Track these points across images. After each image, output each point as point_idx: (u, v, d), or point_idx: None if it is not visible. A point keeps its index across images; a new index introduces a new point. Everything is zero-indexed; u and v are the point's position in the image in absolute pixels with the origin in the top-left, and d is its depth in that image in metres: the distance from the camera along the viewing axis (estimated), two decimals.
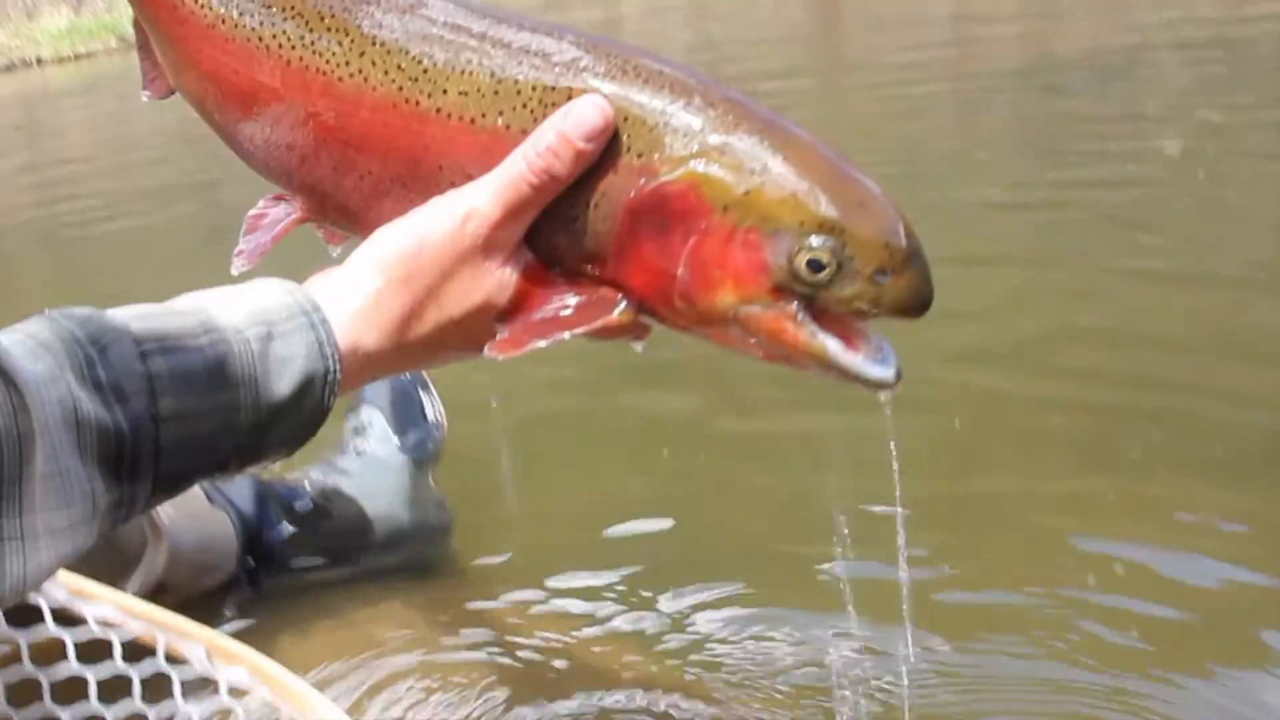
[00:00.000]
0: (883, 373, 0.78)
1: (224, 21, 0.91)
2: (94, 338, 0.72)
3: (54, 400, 0.66)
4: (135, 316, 0.75)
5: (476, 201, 0.78)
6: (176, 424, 0.72)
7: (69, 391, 0.68)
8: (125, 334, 0.73)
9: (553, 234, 0.81)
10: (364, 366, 0.81)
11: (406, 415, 1.96)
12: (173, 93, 1.04)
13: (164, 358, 0.72)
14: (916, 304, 0.78)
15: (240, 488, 1.78)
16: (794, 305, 0.77)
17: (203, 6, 0.92)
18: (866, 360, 0.78)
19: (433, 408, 2.00)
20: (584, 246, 0.81)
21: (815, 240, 0.75)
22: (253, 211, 0.94)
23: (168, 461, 0.73)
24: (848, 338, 0.79)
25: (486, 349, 0.81)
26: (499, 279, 0.80)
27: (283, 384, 0.76)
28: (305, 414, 0.78)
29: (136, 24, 1.05)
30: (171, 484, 0.75)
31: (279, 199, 0.94)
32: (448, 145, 0.81)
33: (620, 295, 0.81)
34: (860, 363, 0.78)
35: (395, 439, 1.93)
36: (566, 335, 0.80)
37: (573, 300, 0.81)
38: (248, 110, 0.92)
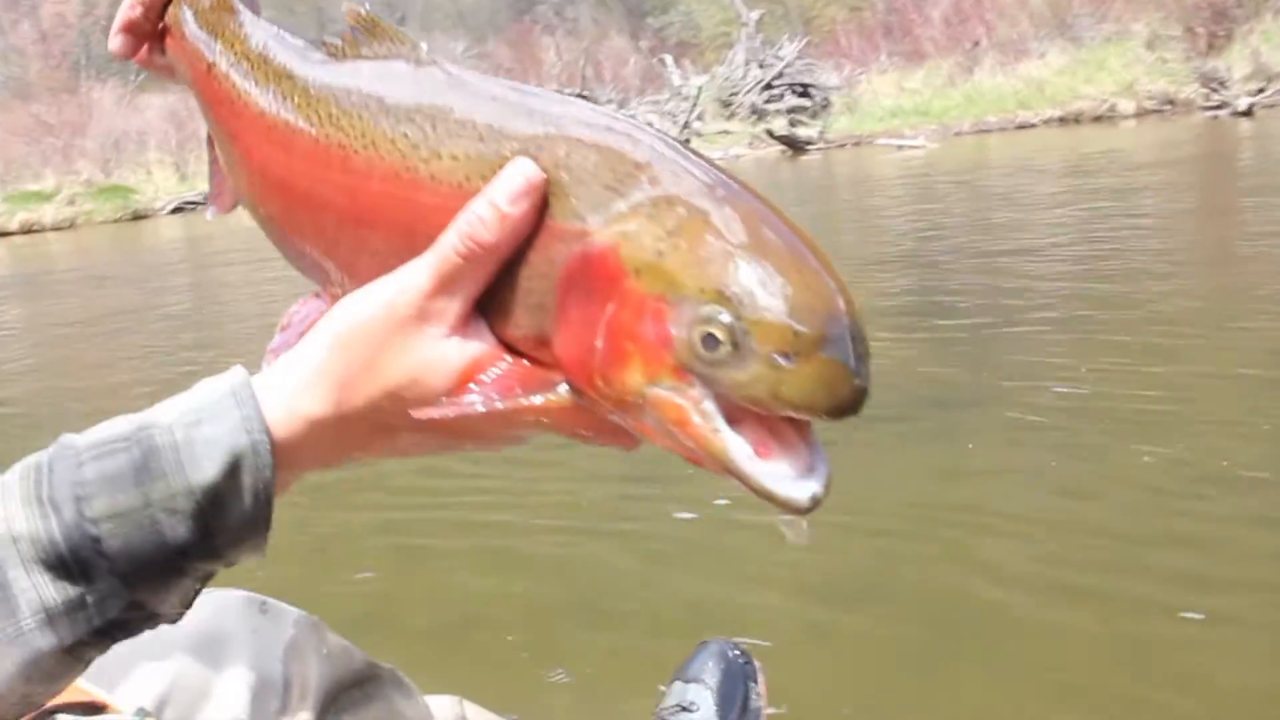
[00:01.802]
0: (793, 492, 0.65)
1: (269, 108, 0.90)
2: (51, 458, 0.78)
3: None
4: (93, 431, 0.79)
5: (412, 272, 0.76)
6: (112, 523, 0.75)
7: (6, 513, 0.75)
8: (72, 449, 0.77)
9: (507, 311, 0.76)
10: (309, 437, 0.79)
11: (731, 701, 1.94)
12: (236, 205, 1.03)
13: (95, 463, 0.76)
14: (825, 400, 0.64)
15: None
16: (698, 390, 0.66)
17: (255, 95, 0.92)
18: (777, 474, 0.65)
19: (756, 700, 1.98)
20: (534, 323, 0.74)
21: (710, 310, 0.64)
22: (289, 310, 0.92)
23: (122, 559, 0.75)
24: (765, 443, 0.66)
25: (412, 411, 0.76)
26: (435, 352, 0.76)
27: (209, 465, 0.75)
28: (248, 494, 0.77)
29: (208, 137, 1.04)
30: (145, 578, 0.77)
31: (314, 296, 0.92)
32: (440, 214, 0.76)
33: (560, 376, 0.72)
34: (766, 474, 0.65)
35: None
36: (497, 407, 0.73)
37: (511, 377, 0.74)
38: (283, 197, 0.90)
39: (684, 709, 1.92)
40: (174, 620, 0.84)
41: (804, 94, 23.39)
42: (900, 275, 7.20)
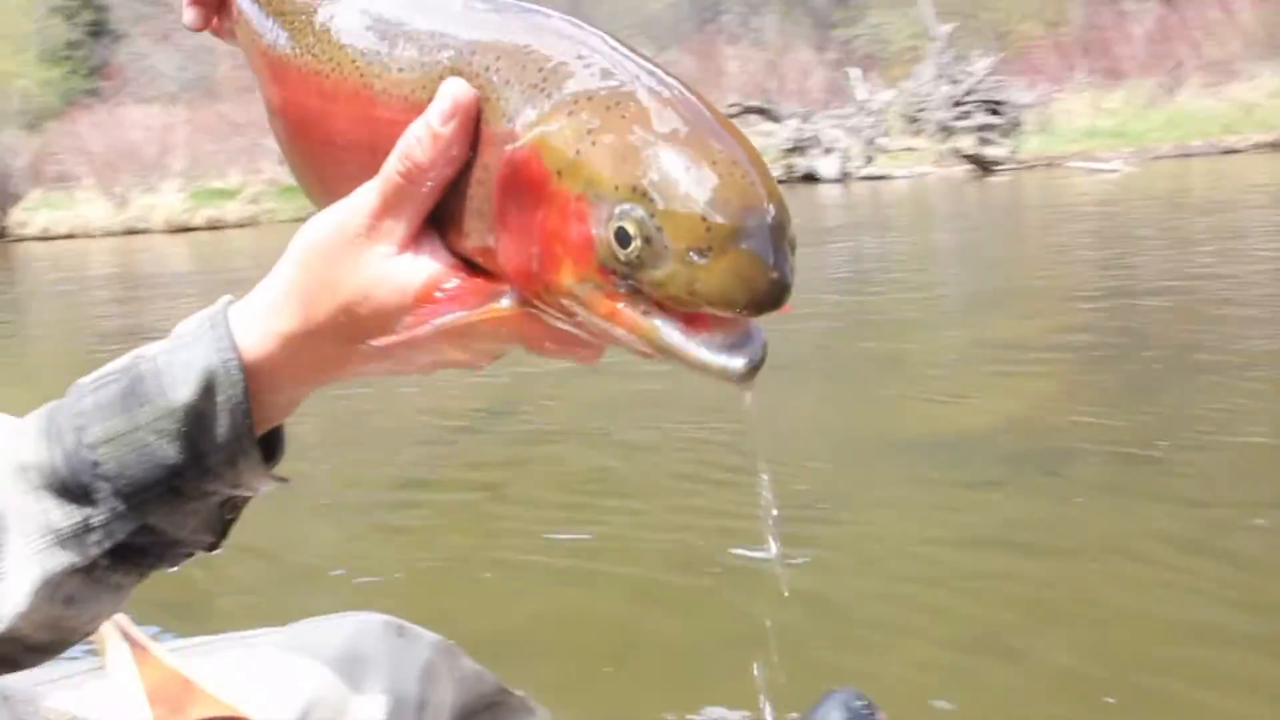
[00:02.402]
0: (727, 362, 0.64)
1: (268, 35, 0.91)
2: (67, 395, 0.84)
3: (7, 458, 0.83)
4: (98, 370, 0.85)
5: (362, 193, 0.79)
6: (107, 447, 0.81)
7: (15, 446, 0.83)
8: (78, 386, 0.84)
9: (458, 224, 0.76)
10: (281, 353, 0.82)
11: None
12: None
13: (92, 394, 0.82)
14: (741, 295, 0.62)
15: None
16: (621, 284, 0.65)
17: (272, 38, 0.91)
18: (710, 346, 0.64)
19: None
20: (481, 235, 0.74)
21: (622, 208, 0.63)
22: None
23: (121, 481, 0.81)
24: (693, 319, 0.65)
25: (370, 341, 0.77)
26: (384, 268, 0.78)
27: (185, 387, 0.80)
28: (224, 412, 0.81)
29: None
30: (148, 500, 0.82)
31: None
32: (394, 127, 0.77)
33: (507, 286, 0.73)
34: (698, 349, 0.64)
35: None
36: (447, 321, 0.74)
37: (463, 291, 0.74)
38: (287, 128, 0.91)
39: None
40: (209, 549, 0.88)
41: (994, 112, 22.75)
42: (1084, 310, 6.91)
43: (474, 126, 0.73)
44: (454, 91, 0.74)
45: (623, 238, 0.63)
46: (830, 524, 3.56)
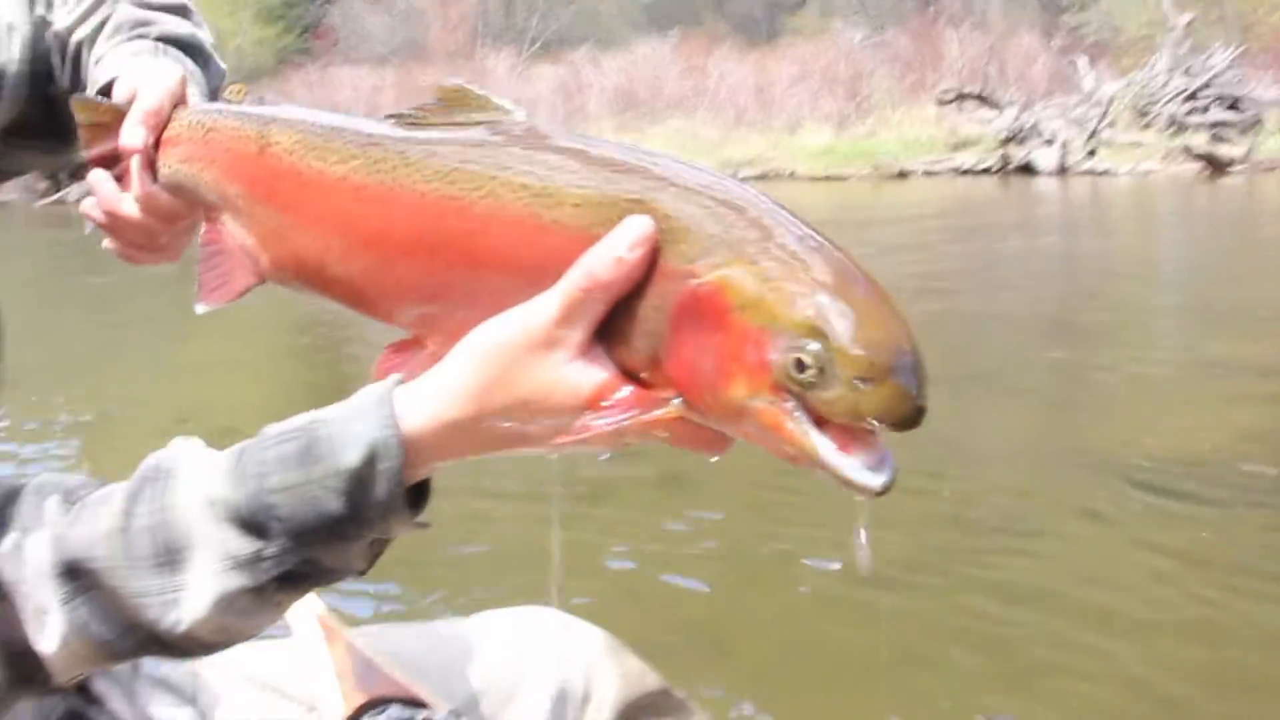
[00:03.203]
0: (870, 480, 0.82)
1: (355, 172, 1.04)
2: (252, 442, 1.00)
3: (200, 491, 1.00)
4: (282, 423, 1.00)
5: (543, 303, 0.92)
6: (284, 495, 0.97)
7: (209, 480, 1.00)
8: (265, 436, 1.00)
9: (623, 337, 0.91)
10: (440, 437, 0.97)
11: None
12: (248, 290, 1.19)
13: (276, 448, 0.98)
14: (894, 415, 0.82)
15: None
16: (791, 403, 0.83)
17: (332, 164, 1.06)
18: (856, 465, 0.82)
19: None
20: (646, 347, 0.90)
21: (803, 342, 0.82)
22: (379, 361, 1.06)
23: (292, 523, 0.97)
24: (846, 442, 0.83)
25: (550, 442, 0.93)
26: (561, 373, 0.92)
27: (352, 453, 0.95)
28: (383, 479, 0.96)
29: (207, 233, 1.21)
30: (313, 540, 0.98)
31: (404, 346, 1.06)
32: (566, 253, 0.91)
33: (672, 393, 0.89)
34: (849, 466, 0.82)
35: None
36: (624, 422, 0.90)
37: (629, 396, 0.91)
38: (377, 252, 1.04)
39: None
40: (360, 573, 1.04)
41: (1232, 107, 21.40)
42: None
43: (653, 258, 0.89)
44: (643, 224, 0.89)
45: (800, 365, 0.82)
46: (1021, 550, 3.46)
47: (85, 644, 1.03)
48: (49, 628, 1.02)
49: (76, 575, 1.02)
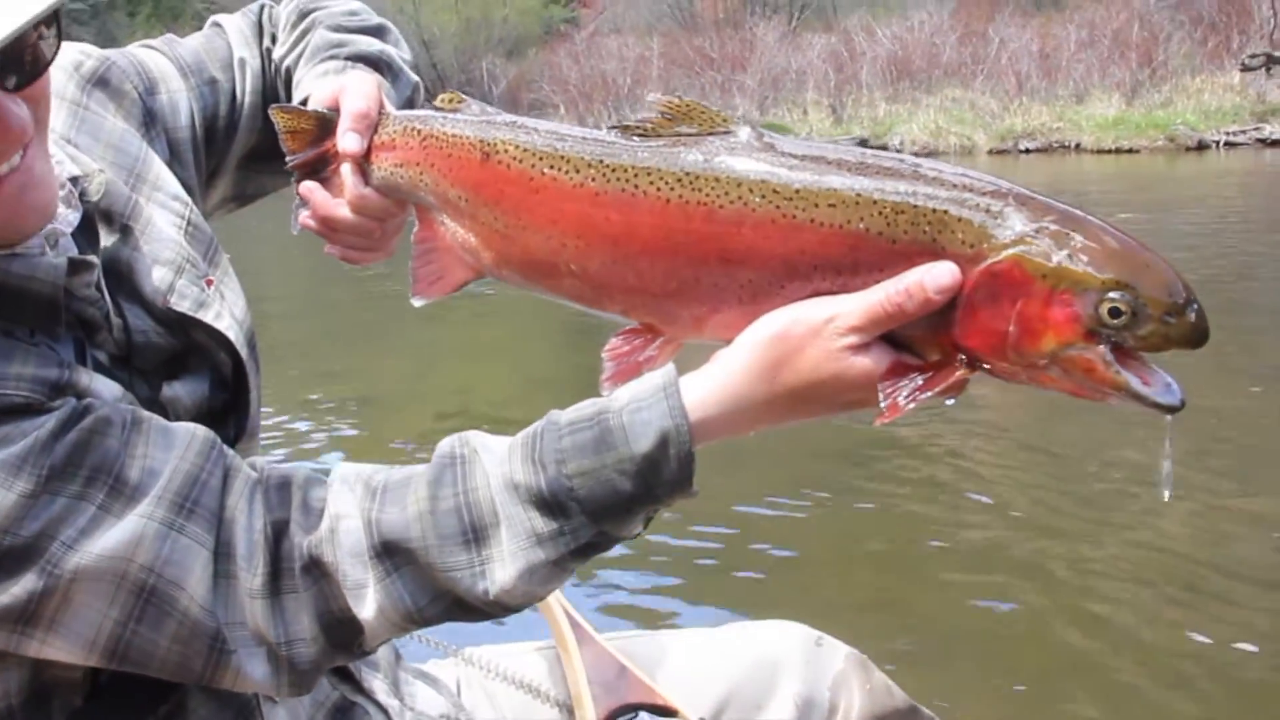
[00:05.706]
0: (1172, 400, 1.01)
1: (592, 179, 1.14)
2: (543, 429, 1.14)
3: (500, 475, 1.14)
4: (569, 411, 1.14)
5: (843, 305, 1.07)
6: (582, 479, 1.10)
7: (509, 467, 1.14)
8: (556, 424, 1.13)
9: (911, 326, 1.06)
10: (721, 417, 1.10)
11: None
12: (464, 284, 1.29)
13: (570, 436, 1.12)
14: (1198, 338, 1.02)
15: None
16: (1102, 347, 1.01)
17: (566, 171, 1.16)
18: (1158, 391, 1.01)
19: None
20: (926, 326, 1.06)
21: (1114, 294, 1.00)
22: (610, 346, 1.17)
23: (589, 503, 1.10)
24: (1142, 375, 1.02)
25: (875, 420, 1.06)
26: (850, 362, 1.07)
27: (645, 441, 1.09)
28: (674, 460, 1.09)
29: (417, 234, 1.32)
30: (606, 516, 1.11)
31: (635, 333, 1.17)
32: (822, 248, 1.06)
33: (961, 358, 1.06)
34: (1155, 393, 1.01)
35: None
36: (927, 396, 1.05)
37: (924, 373, 1.06)
38: (619, 252, 1.14)
39: None
40: (633, 538, 1.17)
41: None
42: None
43: (931, 248, 1.05)
44: (951, 270, 1.04)
45: (1115, 313, 1.00)
46: None
47: (399, 612, 1.15)
48: (367, 600, 1.15)
49: (392, 554, 1.15)
